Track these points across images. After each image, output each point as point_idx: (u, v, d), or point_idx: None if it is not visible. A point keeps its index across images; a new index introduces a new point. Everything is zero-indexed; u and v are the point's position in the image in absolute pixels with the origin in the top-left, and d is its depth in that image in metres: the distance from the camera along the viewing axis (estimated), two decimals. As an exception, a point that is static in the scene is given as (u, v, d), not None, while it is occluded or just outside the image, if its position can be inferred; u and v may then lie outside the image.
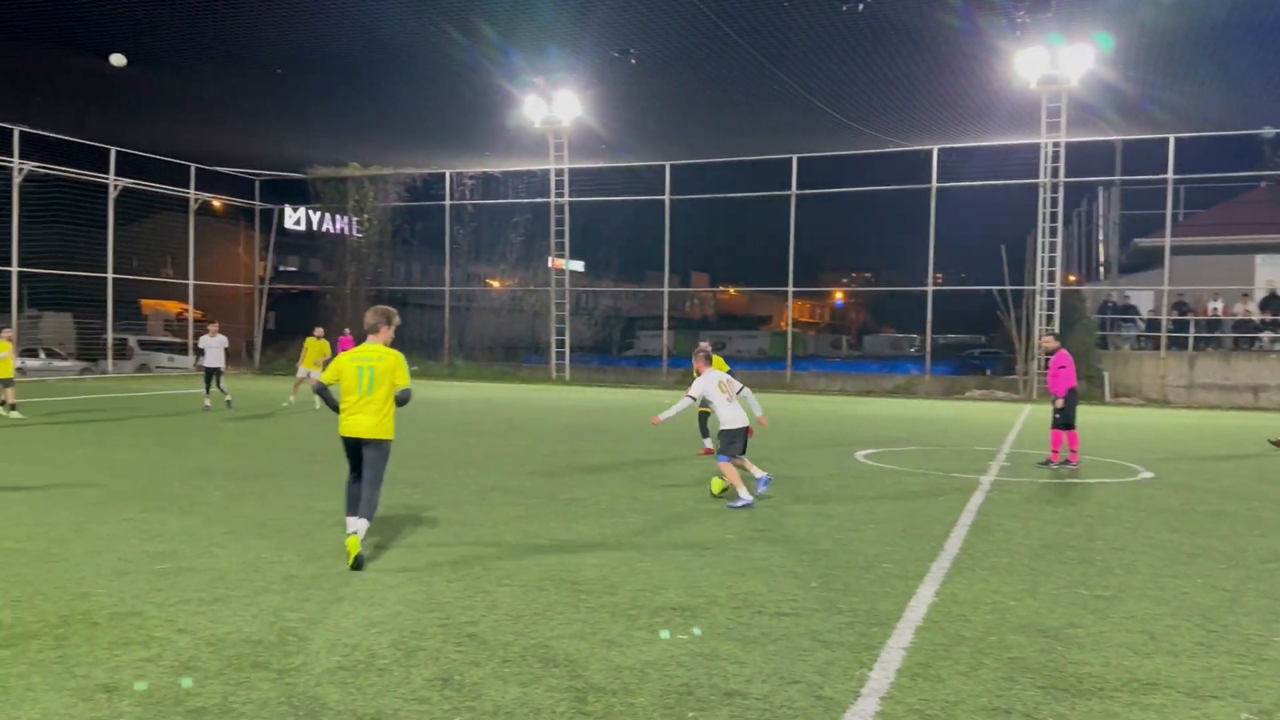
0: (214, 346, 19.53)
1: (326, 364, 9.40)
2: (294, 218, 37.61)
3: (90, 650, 4.74)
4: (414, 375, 8.09)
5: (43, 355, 30.98)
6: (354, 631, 5.11)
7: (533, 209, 35.74)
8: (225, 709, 4.05)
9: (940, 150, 29.64)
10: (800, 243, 31.63)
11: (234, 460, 12.11)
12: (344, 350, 7.82)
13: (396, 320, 7.18)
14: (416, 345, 34.61)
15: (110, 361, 32.68)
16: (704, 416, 10.80)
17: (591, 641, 5.01)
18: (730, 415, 9.29)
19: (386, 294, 37.84)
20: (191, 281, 35.46)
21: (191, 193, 35.14)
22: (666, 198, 32.96)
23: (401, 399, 6.92)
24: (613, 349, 48.08)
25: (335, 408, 6.99)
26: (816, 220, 34.39)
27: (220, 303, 39.60)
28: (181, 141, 31.71)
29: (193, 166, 34.85)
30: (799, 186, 31.44)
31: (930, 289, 30.62)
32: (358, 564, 6.42)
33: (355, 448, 6.88)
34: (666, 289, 34.51)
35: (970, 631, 5.31)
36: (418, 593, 5.90)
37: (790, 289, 32.48)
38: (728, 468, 9.22)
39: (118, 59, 21.97)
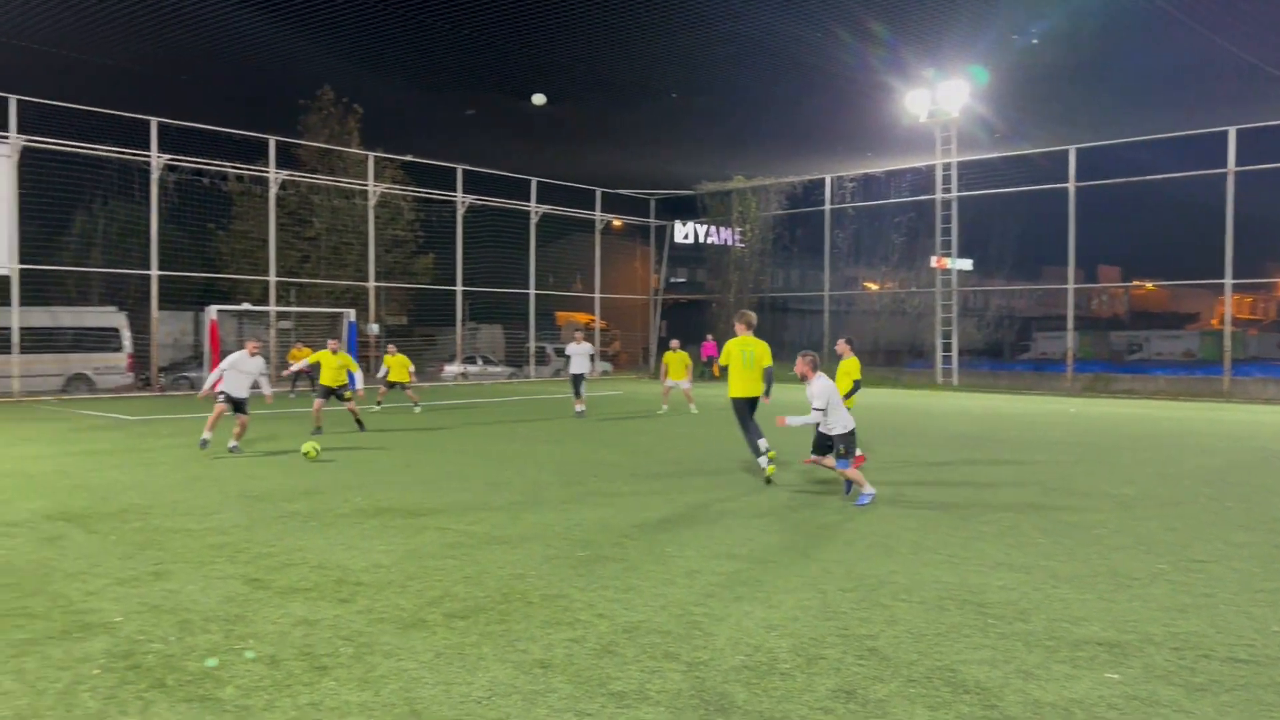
0: (579, 354, 20.10)
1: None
2: (683, 232, 40.07)
3: (527, 627, 5.32)
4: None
5: (480, 362, 36.10)
6: (755, 632, 5.22)
7: (915, 207, 34.53)
8: (642, 695, 4.31)
9: None
10: (1240, 227, 27.21)
11: (638, 459, 13.02)
12: (708, 354, 11.09)
13: (755, 322, 11.30)
14: (797, 349, 34.85)
15: (532, 367, 37.01)
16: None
17: (1004, 670, 4.65)
18: (843, 419, 9.43)
19: (767, 301, 38.79)
20: (597, 295, 39.03)
21: (597, 214, 38.75)
22: (1070, 185, 30.10)
23: (767, 375, 10.84)
24: (1005, 352, 44.96)
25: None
26: (1261, 200, 29.32)
27: (620, 313, 43.38)
28: (590, 166, 35.15)
29: (598, 191, 38.44)
30: (1238, 162, 27.14)
31: None
32: (769, 480, 10.37)
33: (745, 403, 10.95)
34: (1071, 285, 31.45)
35: None
36: (813, 599, 5.89)
37: (1228, 281, 28.05)
38: (852, 472, 9.40)
39: (538, 98, 24.84)
